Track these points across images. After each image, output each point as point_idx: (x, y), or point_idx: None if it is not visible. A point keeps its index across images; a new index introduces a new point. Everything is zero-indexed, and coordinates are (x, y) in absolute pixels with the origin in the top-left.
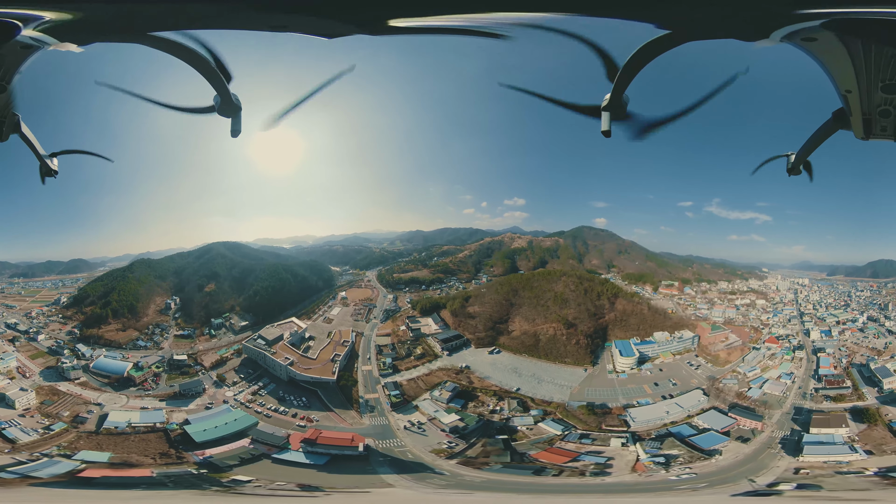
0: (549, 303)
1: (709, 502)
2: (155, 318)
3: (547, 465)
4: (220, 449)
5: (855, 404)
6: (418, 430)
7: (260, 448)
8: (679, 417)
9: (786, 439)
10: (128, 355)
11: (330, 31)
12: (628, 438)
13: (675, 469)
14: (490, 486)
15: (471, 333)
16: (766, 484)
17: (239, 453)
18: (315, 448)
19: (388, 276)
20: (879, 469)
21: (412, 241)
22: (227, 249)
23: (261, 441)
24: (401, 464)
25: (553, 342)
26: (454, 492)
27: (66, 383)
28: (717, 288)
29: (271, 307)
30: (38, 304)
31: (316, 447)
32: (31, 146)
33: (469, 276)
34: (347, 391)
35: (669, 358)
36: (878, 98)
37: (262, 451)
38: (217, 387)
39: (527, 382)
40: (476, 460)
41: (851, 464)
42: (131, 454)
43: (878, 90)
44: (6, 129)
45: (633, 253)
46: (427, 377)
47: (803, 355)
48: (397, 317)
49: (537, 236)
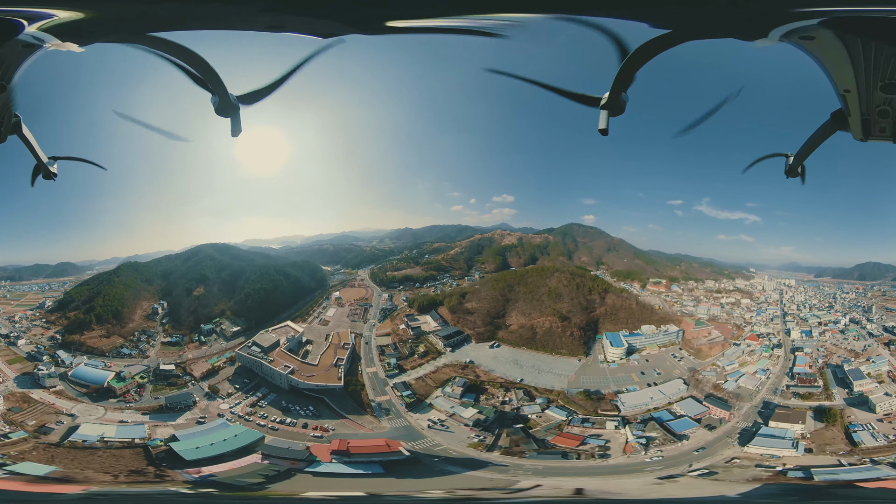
0: (544, 297)
1: (632, 484)
2: (141, 324)
3: (566, 449)
4: (222, 467)
5: (821, 403)
6: (442, 427)
7: (279, 463)
8: (661, 403)
9: (745, 430)
10: (110, 364)
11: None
12: (619, 422)
13: (651, 451)
14: (550, 473)
15: (470, 329)
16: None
17: (255, 470)
18: (354, 458)
19: (381, 275)
20: (793, 466)
21: (401, 238)
22: (216, 251)
23: (277, 456)
24: (458, 462)
25: (549, 335)
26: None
27: (41, 391)
28: (703, 286)
29: (264, 310)
30: (23, 308)
31: (353, 457)
32: (31, 148)
33: (462, 272)
34: (357, 396)
35: (655, 350)
36: (877, 98)
37: (288, 467)
38: (210, 399)
39: (528, 373)
40: (513, 450)
41: (783, 459)
42: (86, 470)
43: (877, 90)
44: (4, 130)
45: (622, 250)
46: (434, 374)
47: (781, 353)
48: (395, 315)
49: (527, 233)
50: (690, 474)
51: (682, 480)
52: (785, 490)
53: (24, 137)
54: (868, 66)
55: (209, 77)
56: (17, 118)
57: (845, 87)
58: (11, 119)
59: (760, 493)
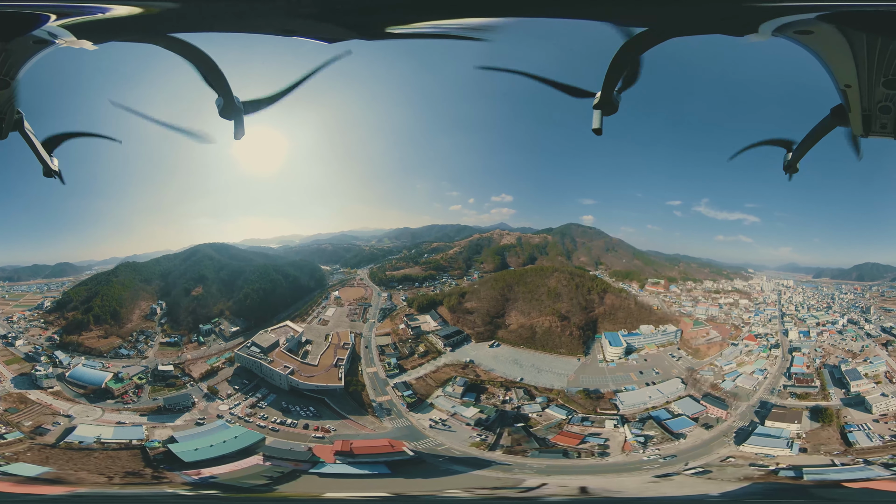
0: (543, 297)
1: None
2: (139, 325)
3: (567, 448)
4: (224, 468)
5: (818, 403)
6: (444, 426)
7: (282, 465)
8: (659, 402)
9: (741, 430)
10: (108, 364)
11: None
12: (618, 420)
13: (650, 449)
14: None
15: (470, 329)
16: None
17: (258, 472)
18: (358, 459)
19: (380, 274)
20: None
21: (400, 238)
22: (215, 251)
23: (279, 457)
24: (463, 461)
25: (548, 334)
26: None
27: (38, 391)
28: (702, 287)
29: (263, 310)
30: (21, 309)
31: (357, 458)
32: (33, 146)
33: (461, 272)
34: (358, 396)
35: (654, 349)
36: (879, 93)
37: (292, 468)
38: (209, 400)
39: (528, 372)
40: (515, 449)
41: (777, 458)
42: (80, 471)
43: (879, 85)
44: (6, 127)
45: (621, 250)
46: (435, 374)
47: (779, 353)
48: (394, 315)
49: (525, 233)
50: (685, 473)
51: (677, 479)
52: (768, 489)
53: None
54: (871, 61)
55: (216, 79)
56: (19, 115)
57: (846, 83)
58: (14, 115)
59: (745, 492)
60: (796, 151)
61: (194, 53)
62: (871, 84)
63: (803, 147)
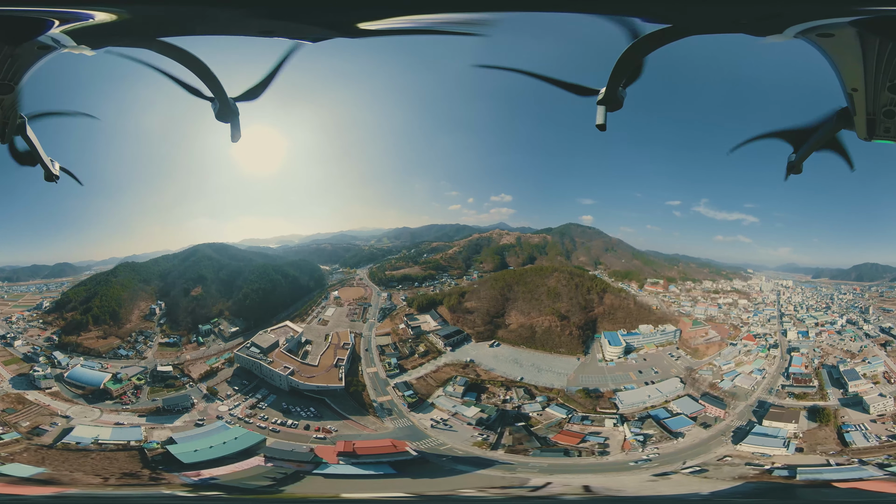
0: (543, 297)
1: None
2: (138, 325)
3: (568, 446)
4: (224, 470)
5: (815, 403)
6: (445, 426)
7: (284, 466)
8: (658, 402)
9: (739, 429)
10: (107, 365)
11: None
12: (618, 419)
13: (648, 448)
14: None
15: (470, 328)
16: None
17: (259, 473)
18: (361, 459)
19: (379, 274)
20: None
21: (399, 237)
22: (214, 251)
23: (281, 458)
24: (466, 461)
25: (548, 334)
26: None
27: (36, 392)
28: (701, 287)
29: (262, 310)
30: (20, 309)
31: (361, 458)
32: (35, 150)
33: (460, 272)
34: (358, 396)
35: (653, 349)
36: (884, 98)
37: (295, 469)
38: (208, 401)
39: (528, 372)
40: (517, 448)
41: (772, 458)
42: (75, 472)
43: (884, 90)
44: (9, 131)
45: (620, 251)
46: (435, 374)
47: (778, 353)
48: (394, 315)
49: (525, 233)
50: (683, 472)
51: (674, 478)
52: (759, 488)
53: (29, 139)
54: (879, 65)
55: (210, 82)
56: (22, 119)
57: (853, 86)
58: (17, 120)
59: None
60: (800, 153)
61: (187, 57)
62: (877, 88)
63: (807, 149)
